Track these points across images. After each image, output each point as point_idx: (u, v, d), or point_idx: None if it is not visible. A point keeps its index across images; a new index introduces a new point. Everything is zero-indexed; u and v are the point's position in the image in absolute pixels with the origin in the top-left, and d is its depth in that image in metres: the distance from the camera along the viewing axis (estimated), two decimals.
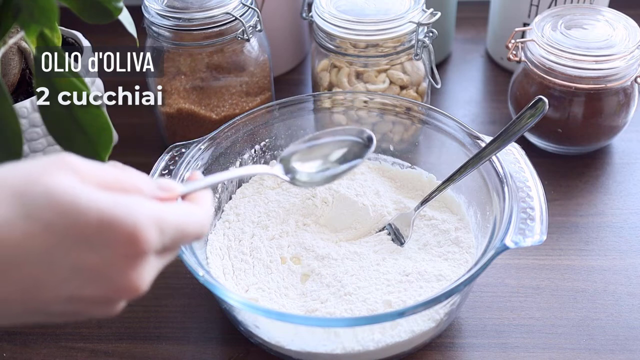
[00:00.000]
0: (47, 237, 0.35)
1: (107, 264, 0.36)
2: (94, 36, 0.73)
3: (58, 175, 0.36)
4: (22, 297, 0.36)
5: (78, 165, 0.37)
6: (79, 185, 0.36)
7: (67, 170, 0.36)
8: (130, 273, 0.37)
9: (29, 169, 0.36)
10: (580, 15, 0.78)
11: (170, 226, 0.39)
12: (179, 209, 0.40)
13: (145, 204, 0.38)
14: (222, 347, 0.63)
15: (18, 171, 0.36)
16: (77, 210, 0.35)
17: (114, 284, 0.37)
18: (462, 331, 0.63)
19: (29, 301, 0.37)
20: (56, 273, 0.36)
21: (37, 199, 0.35)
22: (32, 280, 0.36)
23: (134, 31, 0.55)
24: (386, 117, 0.73)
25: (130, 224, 0.36)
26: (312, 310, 0.59)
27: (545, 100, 0.60)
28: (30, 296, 0.36)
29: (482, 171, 0.64)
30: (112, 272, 0.37)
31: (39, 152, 0.65)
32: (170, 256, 0.42)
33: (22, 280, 0.36)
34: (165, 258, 0.41)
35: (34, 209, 0.35)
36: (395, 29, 0.73)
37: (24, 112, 0.63)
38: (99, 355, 0.62)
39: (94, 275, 0.37)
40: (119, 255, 0.36)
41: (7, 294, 0.36)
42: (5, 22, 0.49)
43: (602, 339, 0.62)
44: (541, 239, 0.55)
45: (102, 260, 0.36)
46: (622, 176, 0.79)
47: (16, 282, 0.36)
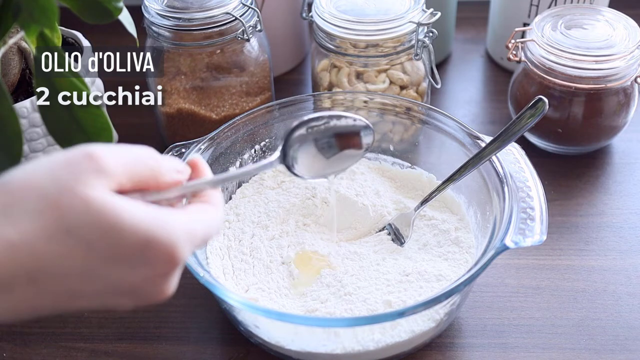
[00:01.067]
0: (89, 255, 0.35)
1: (144, 281, 0.38)
2: (94, 36, 0.73)
3: (92, 185, 0.36)
4: (54, 305, 0.37)
5: (107, 165, 0.37)
6: (117, 200, 0.36)
7: (99, 176, 0.36)
8: (163, 286, 0.39)
9: (58, 174, 0.36)
10: (580, 15, 0.78)
11: (199, 237, 0.40)
12: (204, 217, 0.41)
13: (180, 218, 0.39)
14: (222, 347, 0.63)
15: (46, 175, 0.36)
16: (120, 233, 0.36)
17: (148, 296, 0.39)
18: (462, 331, 0.63)
19: (59, 308, 0.37)
20: (93, 287, 0.37)
21: (78, 215, 0.35)
22: (68, 292, 0.36)
23: (134, 31, 0.55)
24: (386, 117, 0.73)
25: (169, 245, 0.37)
26: (312, 310, 0.59)
27: (545, 100, 0.60)
28: (62, 304, 0.37)
29: (482, 171, 0.64)
30: (148, 287, 0.38)
31: (39, 152, 0.65)
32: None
33: (58, 292, 0.36)
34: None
35: (75, 226, 0.35)
36: (395, 29, 0.73)
37: (24, 112, 0.63)
38: (99, 355, 0.62)
39: (130, 290, 0.38)
40: (157, 274, 0.38)
41: (40, 302, 0.36)
42: (5, 22, 0.49)
43: (602, 339, 0.62)
44: (541, 239, 0.55)
45: (141, 279, 0.37)
46: (622, 176, 0.79)
47: (52, 292, 0.36)
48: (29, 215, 0.35)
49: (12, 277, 0.35)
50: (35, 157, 0.66)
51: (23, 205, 0.35)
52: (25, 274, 0.35)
